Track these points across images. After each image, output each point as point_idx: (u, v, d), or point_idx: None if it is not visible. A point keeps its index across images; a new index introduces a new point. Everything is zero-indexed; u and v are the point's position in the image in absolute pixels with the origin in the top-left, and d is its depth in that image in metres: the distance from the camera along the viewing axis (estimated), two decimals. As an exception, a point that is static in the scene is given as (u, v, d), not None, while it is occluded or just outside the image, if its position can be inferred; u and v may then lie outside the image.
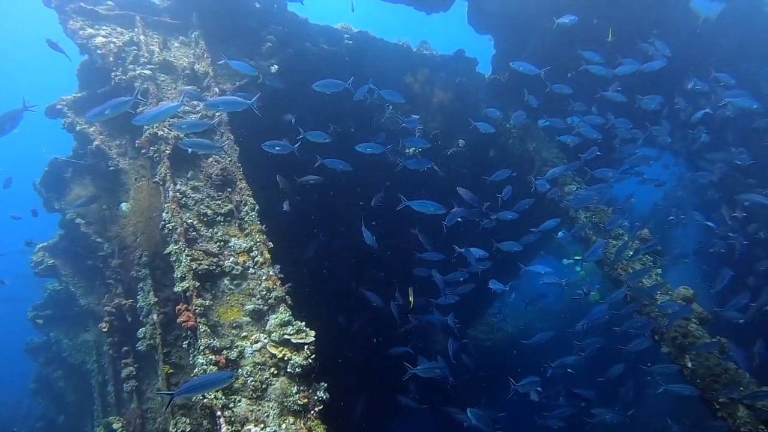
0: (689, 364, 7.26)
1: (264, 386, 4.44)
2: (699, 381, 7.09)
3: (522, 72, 8.54)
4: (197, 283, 4.83)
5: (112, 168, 7.19)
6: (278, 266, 5.27)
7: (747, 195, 9.48)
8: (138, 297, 6.50)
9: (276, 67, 7.87)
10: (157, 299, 6.07)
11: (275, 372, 4.53)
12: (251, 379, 4.44)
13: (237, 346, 4.62)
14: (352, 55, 9.18)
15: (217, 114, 6.37)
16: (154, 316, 5.97)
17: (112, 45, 6.63)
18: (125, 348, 7.19)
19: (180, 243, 5.04)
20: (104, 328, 7.36)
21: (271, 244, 5.41)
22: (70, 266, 9.76)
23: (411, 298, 7.09)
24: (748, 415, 6.40)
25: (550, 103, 9.67)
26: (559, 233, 10.33)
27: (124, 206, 6.41)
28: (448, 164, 9.92)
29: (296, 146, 6.66)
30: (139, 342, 6.12)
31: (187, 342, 4.79)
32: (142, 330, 6.19)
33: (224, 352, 4.50)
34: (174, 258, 5.08)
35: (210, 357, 4.30)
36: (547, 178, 8.64)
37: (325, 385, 4.53)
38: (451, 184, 9.89)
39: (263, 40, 8.07)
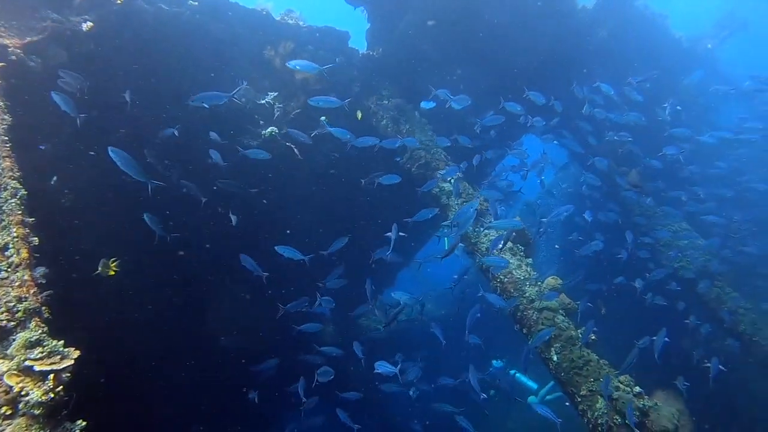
0: (554, 358, 7.13)
1: (-10, 433, 3.29)
2: (563, 374, 6.97)
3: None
4: None
5: None
6: (42, 269, 4.07)
7: None
8: None
9: (90, 24, 6.47)
10: None
11: (9, 412, 3.38)
12: (-30, 424, 3.27)
13: (-43, 380, 3.40)
14: (198, 20, 7.91)
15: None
16: None
17: None
18: None
19: None
20: None
21: (36, 240, 4.18)
22: None
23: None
24: (605, 406, 6.28)
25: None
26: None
27: None
28: (317, 148, 8.96)
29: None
30: None
31: None
32: None
33: (-71, 390, 3.27)
34: None
35: None
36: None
37: (82, 424, 3.45)
38: (318, 170, 9.06)
39: (76, -10, 6.63)
